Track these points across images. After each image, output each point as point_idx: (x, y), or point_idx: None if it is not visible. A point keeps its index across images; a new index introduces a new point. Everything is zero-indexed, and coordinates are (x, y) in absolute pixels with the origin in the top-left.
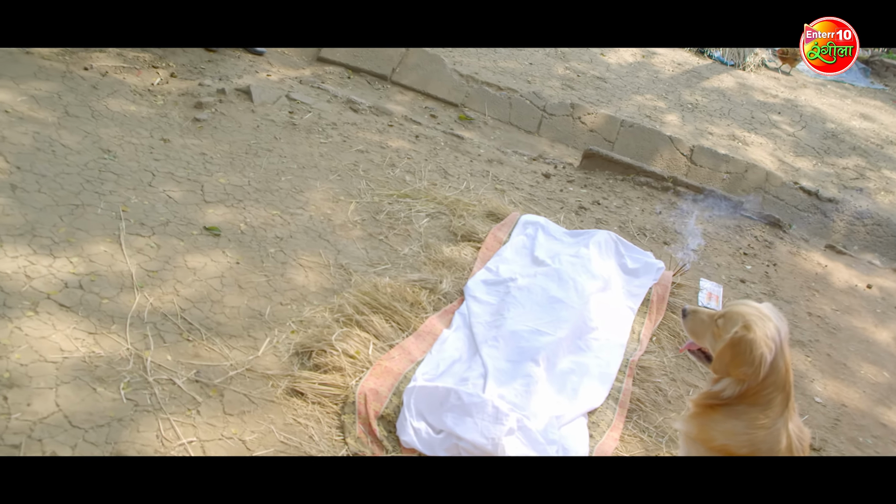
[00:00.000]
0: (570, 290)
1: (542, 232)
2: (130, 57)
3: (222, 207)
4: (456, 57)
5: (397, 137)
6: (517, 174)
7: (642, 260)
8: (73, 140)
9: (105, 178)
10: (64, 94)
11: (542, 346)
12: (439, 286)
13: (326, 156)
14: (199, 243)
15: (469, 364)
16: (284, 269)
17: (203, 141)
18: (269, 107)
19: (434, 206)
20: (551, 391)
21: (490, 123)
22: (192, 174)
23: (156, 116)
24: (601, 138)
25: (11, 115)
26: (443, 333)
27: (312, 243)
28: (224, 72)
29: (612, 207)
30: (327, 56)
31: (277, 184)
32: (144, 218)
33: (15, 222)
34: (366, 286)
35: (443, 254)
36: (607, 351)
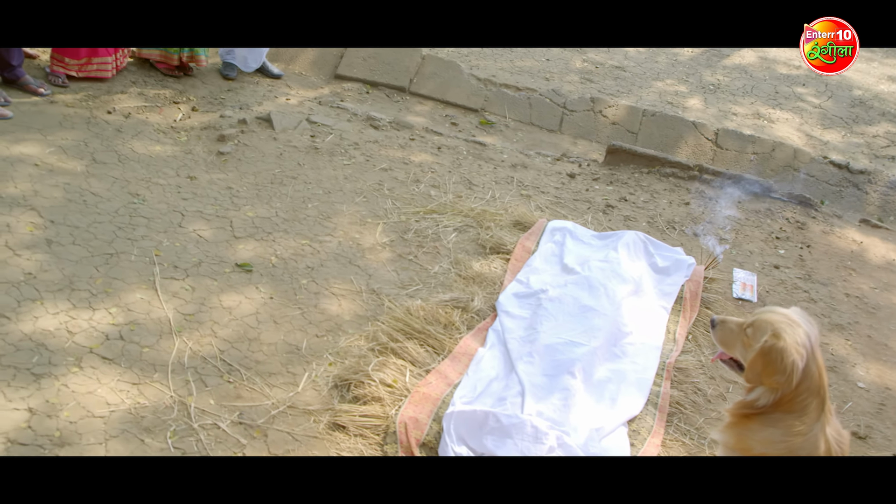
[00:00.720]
0: (602, 297)
1: (570, 237)
2: (151, 95)
3: (252, 242)
4: (472, 61)
5: (420, 151)
6: (542, 177)
7: (672, 257)
8: (102, 187)
9: (136, 223)
10: (90, 141)
11: (578, 358)
12: (471, 304)
13: (351, 178)
14: (233, 281)
15: (506, 382)
16: (318, 299)
17: (228, 174)
18: (291, 132)
19: (461, 220)
20: (590, 402)
21: (511, 126)
22: (221, 210)
23: (181, 154)
24: (624, 130)
25: (41, 168)
26: (478, 353)
27: (343, 270)
28: (244, 100)
29: (640, 203)
30: (344, 73)
31: (304, 212)
32: (177, 260)
33: (53, 278)
34: (398, 311)
35: (473, 269)
36: (643, 355)
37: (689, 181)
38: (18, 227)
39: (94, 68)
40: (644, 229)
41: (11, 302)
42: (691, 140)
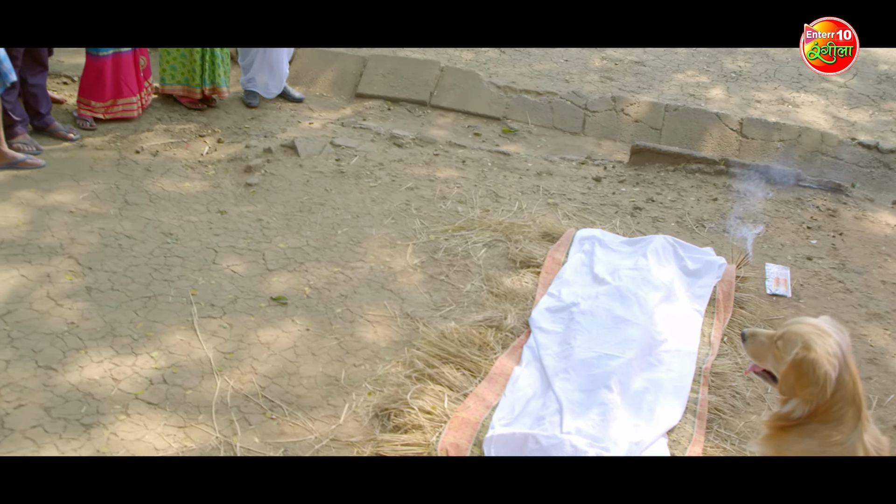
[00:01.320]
0: (634, 307)
1: (599, 245)
2: (177, 130)
3: (285, 273)
4: (491, 68)
5: (444, 166)
6: (567, 183)
7: (703, 259)
8: (135, 229)
9: (171, 263)
10: (121, 183)
11: (614, 370)
12: (504, 322)
13: (378, 200)
14: (269, 315)
15: (544, 400)
16: (353, 327)
17: (258, 206)
18: (316, 158)
19: (490, 235)
20: (628, 415)
21: (534, 132)
22: (253, 243)
23: (210, 189)
24: (647, 127)
25: (76, 215)
26: (514, 372)
27: (376, 295)
28: (268, 127)
29: (667, 202)
30: (365, 91)
31: (335, 238)
32: (213, 298)
33: (95, 325)
34: (433, 336)
35: (504, 285)
36: (679, 362)
37: (715, 176)
38: (58, 277)
39: (120, 109)
40: (673, 229)
41: (57, 353)
42: (716, 132)
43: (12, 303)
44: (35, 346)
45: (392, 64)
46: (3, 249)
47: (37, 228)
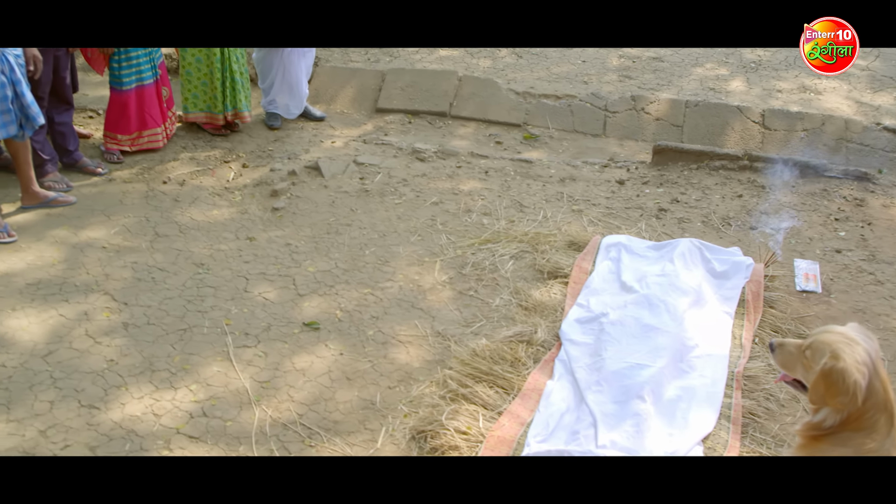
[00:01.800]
0: (663, 314)
1: (626, 252)
2: (202, 158)
3: (316, 298)
4: (509, 74)
5: (467, 178)
6: (591, 188)
7: (730, 260)
8: (167, 262)
9: (203, 293)
10: (150, 215)
11: (646, 380)
12: (535, 336)
13: (403, 217)
14: (302, 341)
15: (577, 414)
16: (386, 349)
17: (285, 230)
18: (340, 178)
19: (516, 246)
20: (662, 424)
21: (556, 136)
22: (283, 269)
23: (237, 215)
24: (668, 125)
25: (109, 250)
26: (547, 386)
27: (407, 315)
28: (291, 149)
29: (692, 202)
30: (385, 105)
31: (363, 259)
32: (247, 327)
33: (134, 361)
34: (464, 354)
35: (533, 298)
36: (711, 367)
37: (739, 172)
38: (95, 314)
39: (146, 140)
40: (699, 230)
41: (99, 391)
42: (738, 125)
43: (53, 343)
44: (77, 386)
45: (410, 77)
46: (41, 290)
47: (72, 266)
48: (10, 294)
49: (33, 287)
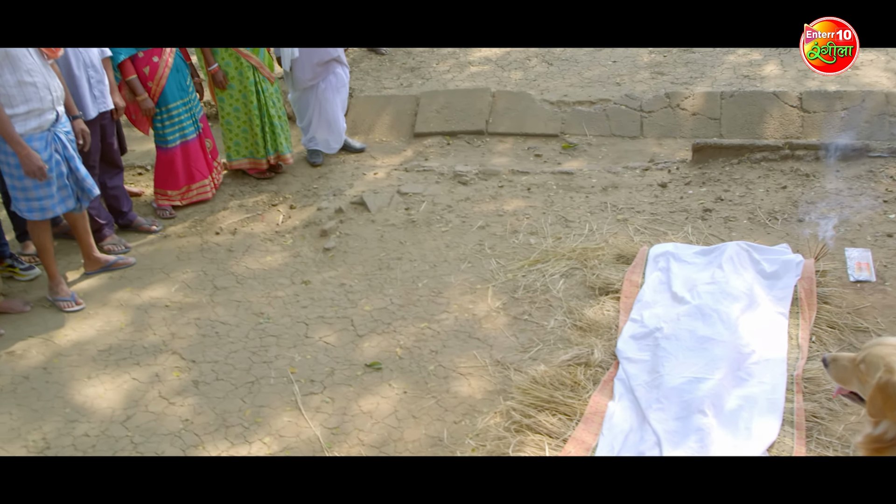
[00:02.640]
0: (716, 323)
1: (674, 260)
2: (251, 204)
3: (375, 337)
4: (541, 84)
5: (511, 197)
6: (634, 194)
7: (779, 260)
8: (228, 314)
9: (266, 343)
10: (207, 269)
11: (706, 394)
12: (592, 357)
13: (452, 244)
14: (366, 383)
15: (641, 434)
16: (448, 383)
17: (338, 270)
18: (386, 210)
19: (565, 264)
20: (725, 437)
21: (594, 143)
22: (340, 310)
23: (290, 259)
24: (706, 119)
25: (172, 308)
26: (608, 408)
27: (465, 346)
28: (335, 184)
29: (736, 199)
30: (422, 130)
31: (416, 293)
32: (312, 374)
33: (207, 419)
34: (525, 382)
35: (587, 317)
36: (770, 372)
37: (781, 162)
38: (166, 375)
39: (195, 193)
40: (746, 227)
41: (177, 452)
42: (776, 112)
43: (130, 407)
44: (157, 449)
45: (444, 98)
46: (112, 355)
47: (139, 328)
48: (84, 362)
49: (105, 353)
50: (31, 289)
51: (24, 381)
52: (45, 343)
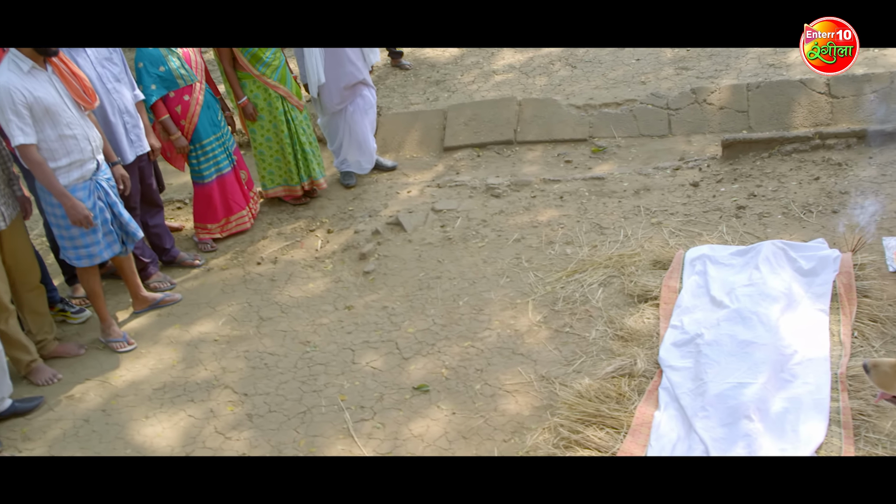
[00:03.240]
0: (757, 326)
1: (711, 263)
2: (289, 231)
3: (421, 359)
4: (566, 88)
5: (544, 207)
6: (666, 196)
7: (816, 256)
8: (275, 345)
9: (315, 372)
10: (252, 300)
11: (750, 399)
12: (635, 367)
13: (489, 259)
14: (415, 406)
15: (688, 443)
16: (495, 402)
17: (379, 293)
18: (422, 229)
19: (602, 272)
20: (773, 441)
21: (623, 144)
22: (384, 334)
23: (332, 285)
24: (733, 112)
25: (221, 342)
26: (655, 418)
27: (509, 362)
28: (370, 205)
29: (769, 193)
30: (451, 143)
31: (458, 311)
32: (361, 400)
33: (263, 452)
34: (570, 397)
35: (627, 327)
36: (813, 372)
37: (812, 152)
38: (220, 410)
39: (234, 225)
40: (780, 223)
41: None
42: (804, 100)
43: (188, 445)
44: None
45: (471, 110)
46: (167, 393)
47: (190, 364)
48: (140, 402)
49: (160, 391)
50: (83, 331)
51: (85, 425)
52: (102, 385)
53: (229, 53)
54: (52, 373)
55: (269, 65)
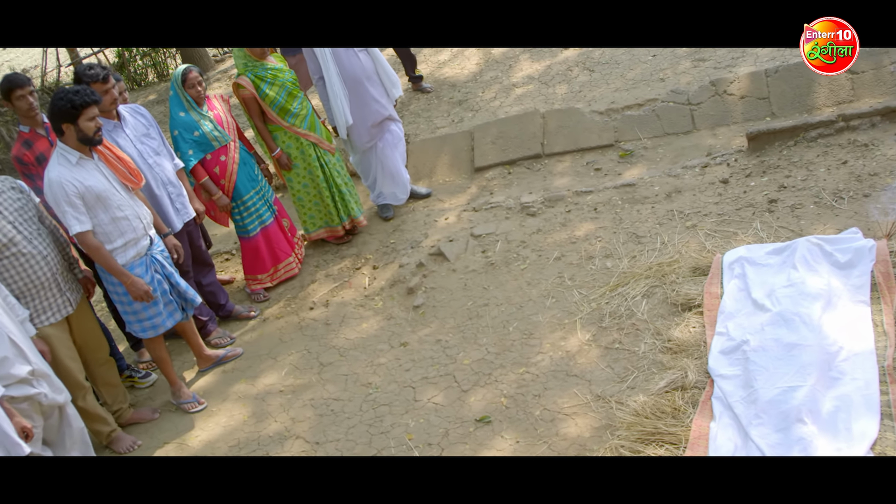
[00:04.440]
0: (800, 328)
1: (749, 265)
2: (335, 272)
3: (479, 390)
4: (586, 94)
5: (580, 221)
6: (698, 196)
7: (851, 248)
8: (339, 390)
9: (380, 413)
10: (310, 346)
11: (801, 402)
12: (686, 380)
13: (532, 281)
14: (480, 438)
15: (746, 451)
16: (555, 426)
17: (431, 326)
18: (465, 257)
19: (644, 283)
20: (828, 442)
21: (649, 145)
22: (441, 368)
23: (385, 322)
24: (754, 100)
25: (286, 393)
26: (710, 430)
27: (564, 385)
28: (410, 236)
29: (799, 184)
30: (481, 164)
31: (509, 338)
32: (428, 437)
33: None
34: (627, 416)
35: (675, 338)
36: (860, 367)
37: (837, 135)
38: None
39: (283, 272)
40: (813, 213)
41: None
42: (823, 80)
43: None
44: None
45: (497, 128)
46: (242, 450)
47: (260, 419)
48: None
49: (235, 449)
50: (153, 394)
51: None
52: (180, 447)
53: (258, 109)
54: (132, 440)
55: (297, 115)
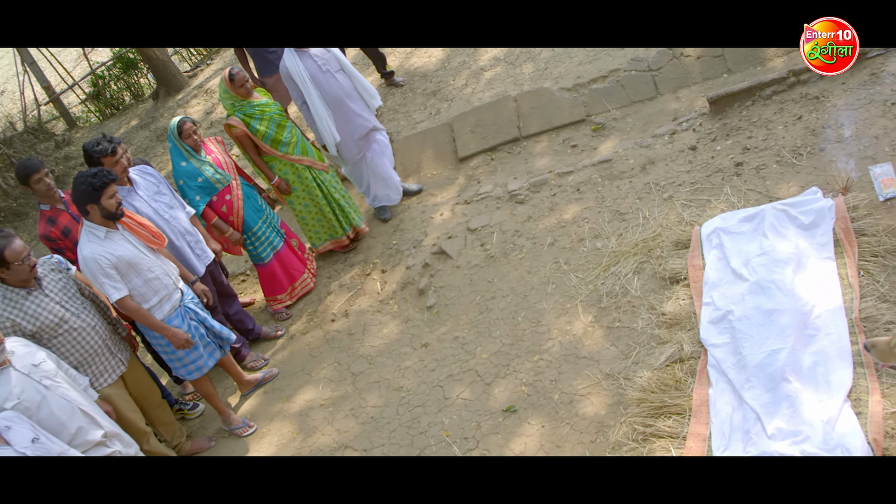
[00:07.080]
0: (776, 294)
1: (724, 235)
2: (347, 281)
3: (501, 381)
4: (553, 72)
5: (566, 204)
6: (670, 166)
7: (813, 210)
8: (374, 397)
9: (416, 415)
10: (340, 358)
11: (784, 363)
12: (683, 352)
13: (532, 269)
14: (509, 427)
15: (742, 412)
16: (574, 408)
17: (447, 325)
18: (465, 253)
19: (633, 260)
20: (811, 395)
21: (618, 116)
22: (463, 364)
23: (403, 326)
24: (710, 58)
25: (327, 406)
26: (710, 397)
27: (576, 367)
28: (411, 235)
29: (760, 143)
30: (464, 153)
31: (519, 328)
32: (463, 432)
33: None
34: (637, 394)
35: (668, 312)
36: (833, 322)
37: (790, 90)
38: None
39: (300, 289)
40: (776, 172)
41: None
42: None
43: None
44: None
45: (473, 117)
46: None
47: (308, 434)
48: None
49: None
50: (204, 422)
51: None
52: None
53: (252, 144)
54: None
55: (288, 143)
